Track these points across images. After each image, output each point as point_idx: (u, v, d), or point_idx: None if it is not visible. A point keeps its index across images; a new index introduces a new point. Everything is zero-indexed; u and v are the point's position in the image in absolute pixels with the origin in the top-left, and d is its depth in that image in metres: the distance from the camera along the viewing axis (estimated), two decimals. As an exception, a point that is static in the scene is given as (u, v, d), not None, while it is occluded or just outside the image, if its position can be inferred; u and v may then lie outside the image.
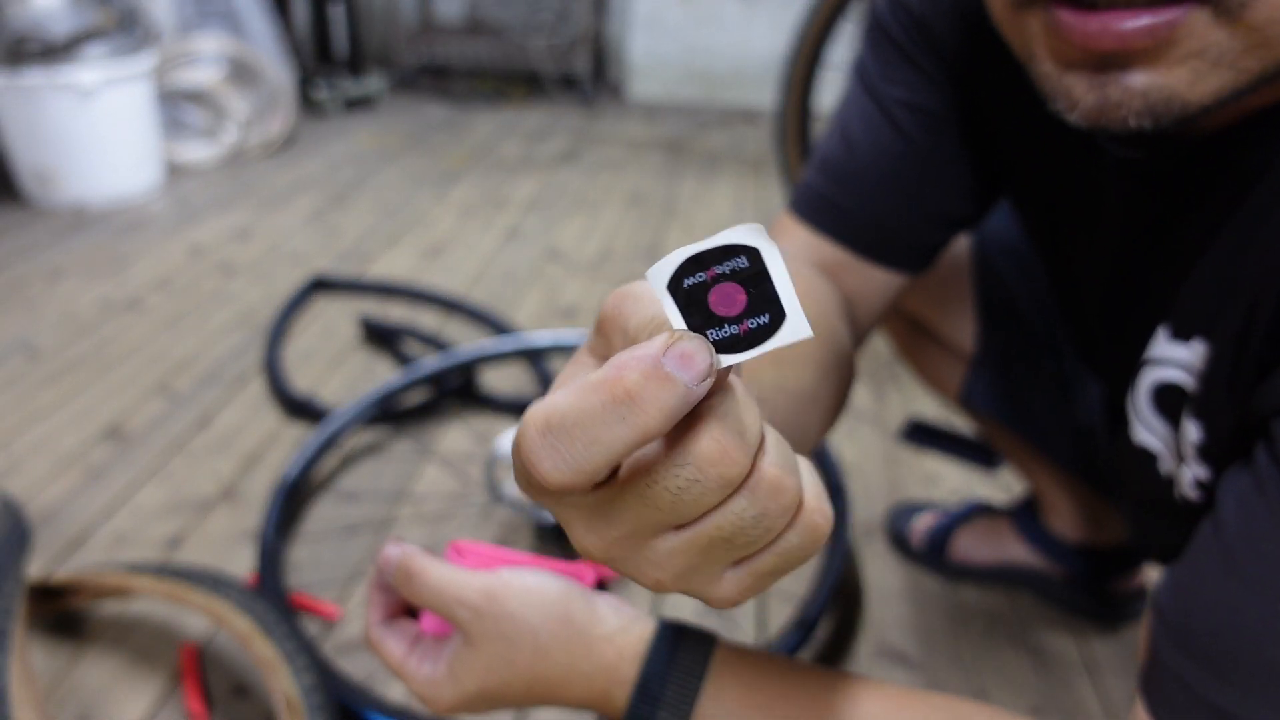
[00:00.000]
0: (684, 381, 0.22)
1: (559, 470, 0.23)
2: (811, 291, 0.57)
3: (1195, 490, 0.47)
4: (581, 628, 0.42)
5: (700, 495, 0.24)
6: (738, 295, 0.24)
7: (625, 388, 0.22)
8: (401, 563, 0.43)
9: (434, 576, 0.42)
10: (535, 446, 0.23)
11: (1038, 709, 0.92)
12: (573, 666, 0.42)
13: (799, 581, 1.07)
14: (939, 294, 0.89)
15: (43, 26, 2.04)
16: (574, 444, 0.23)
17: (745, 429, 0.24)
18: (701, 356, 0.23)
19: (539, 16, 3.51)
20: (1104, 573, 0.99)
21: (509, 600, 0.41)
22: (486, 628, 0.41)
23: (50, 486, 1.19)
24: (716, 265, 0.23)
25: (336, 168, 2.62)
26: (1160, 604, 0.41)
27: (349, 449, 1.29)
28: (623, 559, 0.27)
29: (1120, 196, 0.52)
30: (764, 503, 0.25)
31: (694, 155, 2.89)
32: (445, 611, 0.42)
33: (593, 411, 0.22)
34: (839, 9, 1.72)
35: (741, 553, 0.26)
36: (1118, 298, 0.58)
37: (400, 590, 0.44)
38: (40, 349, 1.55)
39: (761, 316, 0.24)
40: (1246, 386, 0.41)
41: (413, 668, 0.44)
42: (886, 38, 0.61)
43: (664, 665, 0.41)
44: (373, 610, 0.46)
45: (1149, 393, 0.49)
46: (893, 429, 1.39)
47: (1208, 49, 0.34)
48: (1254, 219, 0.41)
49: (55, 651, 0.94)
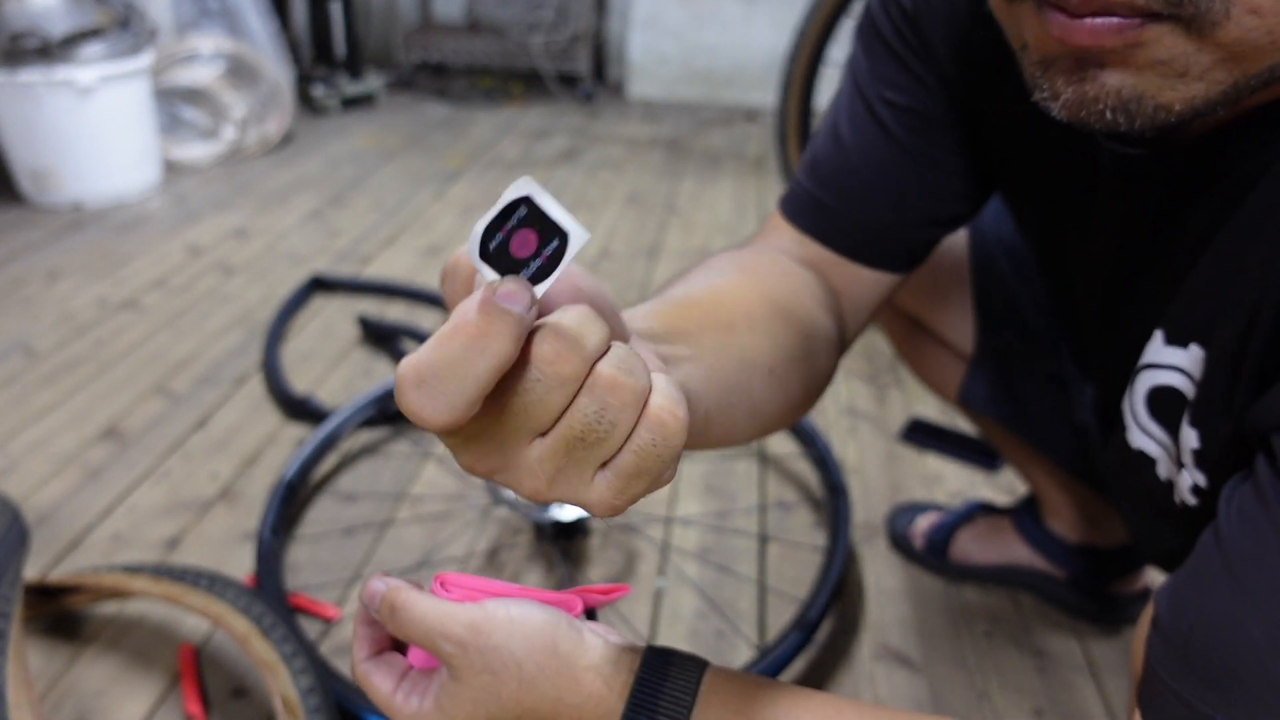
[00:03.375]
0: (516, 312, 0.28)
1: (439, 412, 0.28)
2: (786, 279, 0.58)
3: (1194, 496, 0.46)
4: (568, 659, 0.41)
5: (545, 394, 0.29)
6: (529, 237, 0.29)
7: (475, 330, 0.28)
8: (386, 597, 0.43)
9: (418, 611, 0.42)
10: (414, 398, 0.28)
11: (1039, 710, 0.91)
12: (560, 699, 0.41)
13: (800, 583, 1.06)
14: (938, 293, 0.89)
15: (40, 25, 2.04)
16: (447, 386, 0.28)
17: (582, 337, 0.29)
18: (520, 292, 0.28)
19: (538, 15, 3.50)
20: (1105, 574, 0.99)
21: (494, 633, 0.41)
22: (472, 661, 0.41)
23: (48, 487, 1.19)
24: (506, 223, 0.29)
25: (335, 167, 2.62)
26: (1160, 617, 0.40)
27: (347, 449, 1.29)
28: (501, 470, 0.31)
29: (1116, 196, 0.52)
30: (603, 398, 0.29)
31: (694, 154, 2.88)
32: (430, 646, 0.42)
33: (454, 355, 0.28)
34: (840, 7, 1.72)
35: (601, 453, 0.30)
36: (1112, 300, 0.57)
37: (386, 625, 0.44)
38: (38, 349, 1.54)
39: (552, 243, 0.29)
40: (1245, 395, 0.40)
41: (400, 702, 0.44)
42: (878, 36, 0.60)
43: (652, 694, 0.41)
44: (359, 645, 0.46)
45: (1145, 397, 0.49)
46: (894, 429, 1.39)
47: (1174, 59, 0.35)
48: (1253, 223, 0.41)
49: (53, 652, 0.93)
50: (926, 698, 0.92)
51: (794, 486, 1.25)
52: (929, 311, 0.90)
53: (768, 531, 1.16)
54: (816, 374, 0.57)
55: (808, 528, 1.17)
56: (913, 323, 0.93)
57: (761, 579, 1.08)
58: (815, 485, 1.23)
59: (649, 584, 1.06)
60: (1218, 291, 0.43)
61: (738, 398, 0.47)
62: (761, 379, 0.50)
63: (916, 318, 0.92)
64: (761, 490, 1.24)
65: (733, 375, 0.47)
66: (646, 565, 1.09)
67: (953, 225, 0.65)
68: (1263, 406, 0.38)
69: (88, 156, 2.18)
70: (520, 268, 0.30)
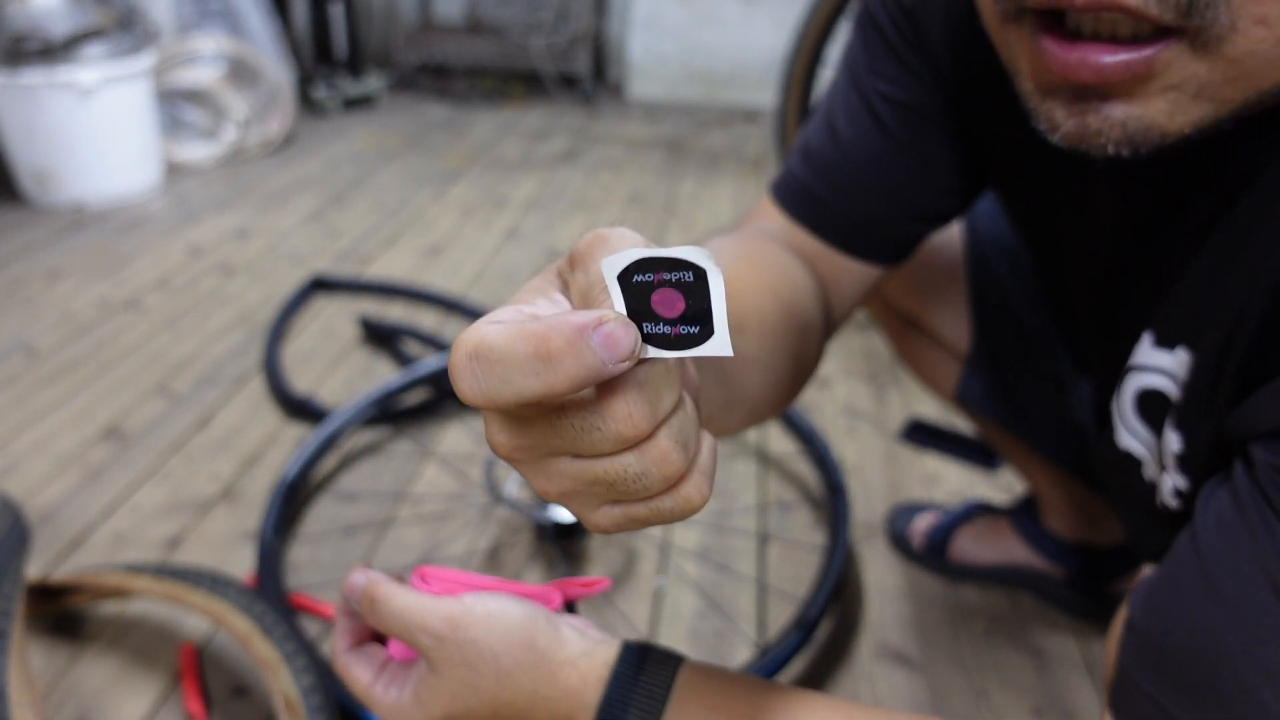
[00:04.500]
0: (603, 359, 0.25)
1: (474, 392, 0.27)
2: (785, 270, 0.58)
3: (1175, 499, 0.47)
4: (545, 653, 0.42)
5: (598, 441, 0.28)
6: (677, 302, 0.27)
7: (549, 348, 0.25)
8: (367, 590, 0.44)
9: (398, 604, 0.43)
10: (460, 365, 0.27)
11: (1038, 709, 0.92)
12: (537, 692, 0.42)
13: (800, 582, 1.07)
14: (934, 293, 0.89)
15: (42, 26, 2.04)
16: (491, 377, 0.26)
17: (658, 403, 0.28)
18: (626, 342, 0.26)
19: (539, 16, 3.50)
20: (1104, 573, 0.99)
21: (472, 627, 0.41)
22: (450, 654, 0.41)
23: (49, 486, 1.19)
24: (665, 272, 0.26)
25: (336, 167, 2.62)
26: (1134, 619, 0.40)
27: (348, 449, 1.29)
28: (522, 463, 0.30)
29: (1109, 197, 0.52)
30: (649, 465, 0.28)
31: (694, 155, 2.89)
32: (409, 638, 0.42)
33: (515, 356, 0.25)
34: (839, 7, 1.72)
35: (621, 497, 0.30)
36: (1104, 299, 0.57)
37: (365, 617, 0.44)
38: (39, 349, 1.54)
39: (693, 326, 0.27)
40: (1227, 400, 0.40)
41: (379, 694, 0.45)
42: (875, 28, 0.60)
43: (626, 689, 0.42)
44: (340, 636, 0.47)
45: (1133, 399, 0.49)
46: (893, 429, 1.39)
47: (1186, 82, 0.34)
48: (1242, 228, 0.41)
49: (54, 652, 0.93)
50: (925, 697, 0.93)
51: (794, 486, 1.25)
52: (925, 311, 0.90)
53: (767, 531, 1.16)
54: (806, 365, 0.58)
55: (807, 527, 1.17)
56: (909, 322, 0.93)
57: (761, 578, 1.08)
58: (815, 485, 1.24)
59: (649, 583, 1.06)
60: (1206, 295, 0.43)
61: (738, 395, 0.47)
62: (759, 374, 0.50)
63: (912, 317, 0.92)
64: (761, 490, 1.24)
65: (737, 374, 0.47)
66: (646, 565, 1.09)
67: (942, 220, 0.65)
68: (1243, 413, 0.38)
69: (89, 157, 2.18)
70: (646, 320, 0.27)
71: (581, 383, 0.25)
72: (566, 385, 0.25)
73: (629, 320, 0.26)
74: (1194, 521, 0.39)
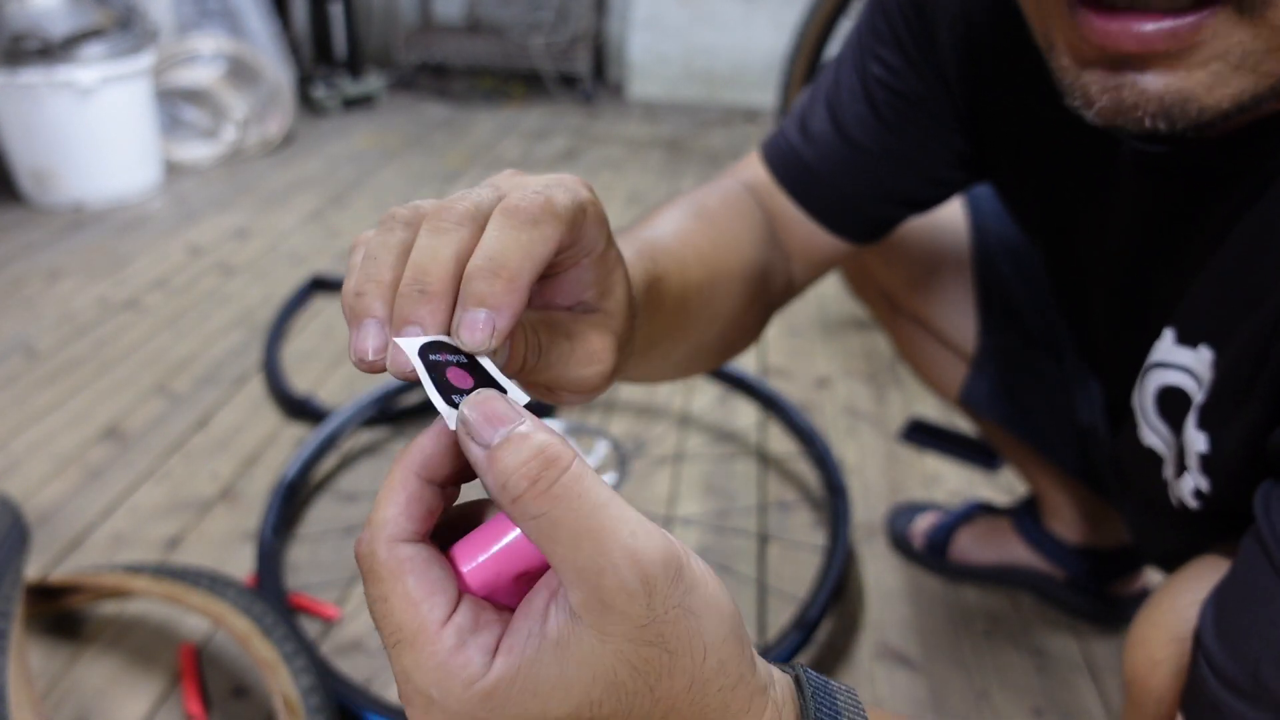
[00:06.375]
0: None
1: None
2: (739, 215, 0.59)
3: (1195, 500, 0.46)
4: (752, 663, 0.28)
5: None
6: (467, 378, 0.29)
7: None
8: (546, 448, 0.25)
9: (601, 496, 0.25)
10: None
11: (1038, 710, 0.92)
12: (724, 718, 0.28)
13: (800, 582, 1.06)
14: (940, 294, 0.89)
15: (41, 25, 2.04)
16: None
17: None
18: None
19: (539, 15, 3.50)
20: (1105, 574, 0.99)
21: (695, 590, 0.26)
22: (657, 614, 0.25)
23: (48, 487, 1.19)
24: (449, 354, 0.29)
25: (335, 167, 2.62)
26: (1210, 649, 0.39)
27: (348, 449, 1.29)
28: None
29: (1134, 192, 0.52)
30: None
31: (694, 155, 2.88)
32: (592, 568, 0.24)
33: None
34: (840, 7, 1.72)
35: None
36: (1125, 296, 0.57)
37: (521, 501, 0.25)
38: (38, 349, 1.54)
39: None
40: (1262, 401, 0.40)
41: (449, 646, 0.25)
42: (883, 14, 0.61)
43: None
44: (391, 507, 0.27)
45: (1154, 396, 0.49)
46: (893, 429, 1.39)
47: (1230, 51, 0.34)
48: (1269, 226, 0.41)
49: (53, 652, 0.93)
50: (926, 697, 0.92)
51: (794, 486, 1.25)
52: (931, 312, 0.90)
53: (767, 531, 1.16)
54: (750, 312, 0.59)
55: (807, 527, 1.17)
56: (915, 323, 0.93)
57: (761, 578, 1.08)
58: (815, 485, 1.23)
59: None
60: (1231, 293, 0.42)
61: (685, 332, 0.50)
62: (706, 324, 0.53)
63: (918, 318, 0.92)
64: (761, 490, 1.24)
65: (695, 312, 0.50)
66: (646, 565, 1.09)
67: (923, 207, 0.66)
68: None
69: (88, 157, 2.18)
70: (453, 391, 0.28)
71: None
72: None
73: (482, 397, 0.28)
74: (1257, 526, 0.39)
